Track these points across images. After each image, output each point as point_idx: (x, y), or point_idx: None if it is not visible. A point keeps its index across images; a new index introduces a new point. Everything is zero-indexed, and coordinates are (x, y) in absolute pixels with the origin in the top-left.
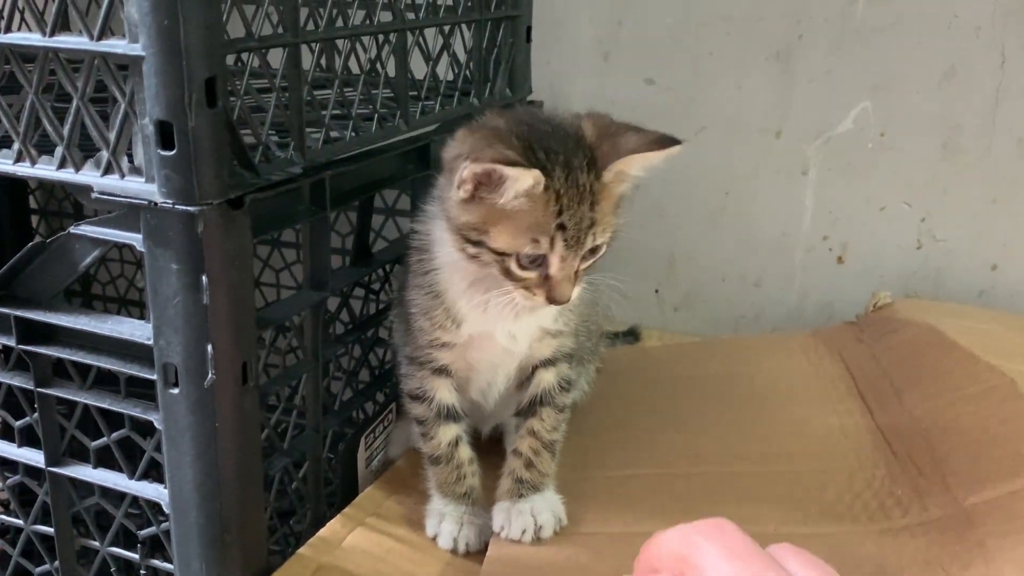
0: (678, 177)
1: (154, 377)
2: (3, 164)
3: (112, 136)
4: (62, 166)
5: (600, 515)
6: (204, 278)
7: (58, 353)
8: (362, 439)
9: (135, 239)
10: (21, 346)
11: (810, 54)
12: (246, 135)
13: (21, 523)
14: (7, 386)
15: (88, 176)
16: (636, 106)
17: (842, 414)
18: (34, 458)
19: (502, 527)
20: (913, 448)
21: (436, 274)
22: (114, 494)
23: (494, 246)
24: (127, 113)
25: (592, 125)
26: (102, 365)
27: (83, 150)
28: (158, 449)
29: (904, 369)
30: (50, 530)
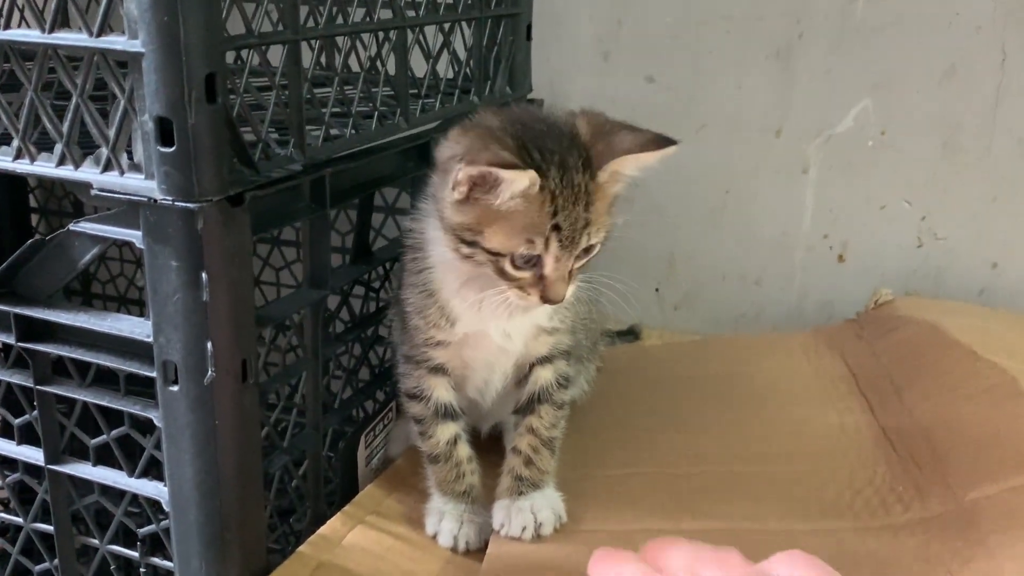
0: (678, 176)
1: (154, 374)
2: (2, 161)
3: (112, 133)
4: (61, 163)
5: (600, 513)
6: (204, 275)
7: (57, 351)
8: (362, 437)
9: (134, 236)
10: (20, 344)
11: (810, 53)
12: (246, 132)
13: (21, 521)
14: (6, 384)
15: (87, 173)
16: (636, 104)
17: (843, 412)
18: (34, 456)
19: (502, 525)
20: (914, 445)
21: (430, 272)
22: (114, 492)
23: (488, 246)
24: (127, 110)
25: (586, 123)
26: (101, 363)
27: (83, 147)
28: (158, 447)
29: (905, 367)
30: (50, 528)
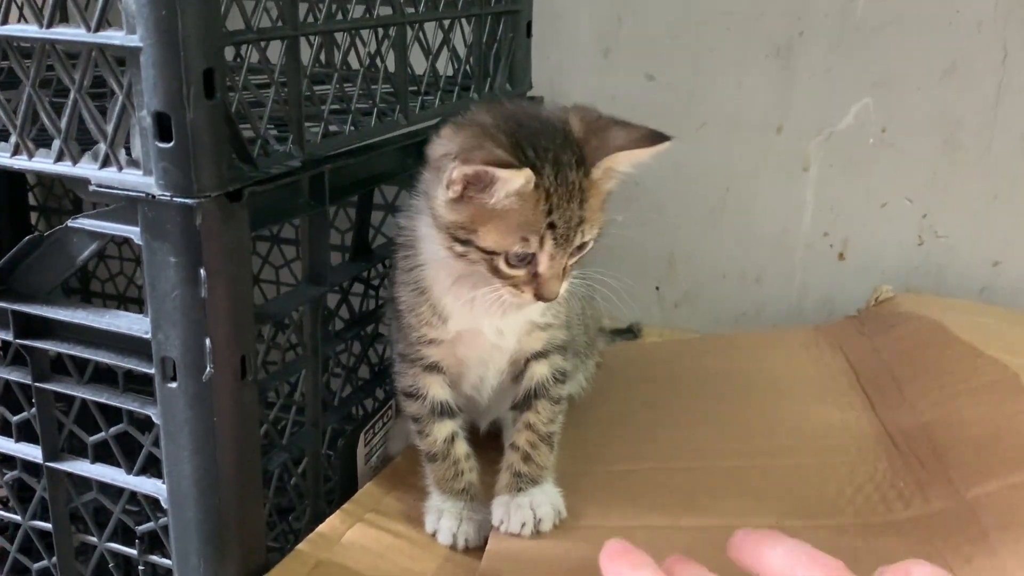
0: (678, 174)
1: (152, 371)
2: (0, 157)
3: (110, 129)
4: (59, 159)
5: (600, 509)
6: (202, 271)
7: (56, 347)
8: (361, 435)
9: (133, 232)
10: (18, 340)
11: (811, 50)
12: (245, 129)
13: (19, 519)
14: (5, 381)
15: (86, 169)
16: (636, 102)
17: (844, 408)
18: (32, 453)
19: (500, 521)
20: (915, 441)
21: (421, 270)
22: (112, 489)
23: (483, 245)
24: (125, 105)
25: (579, 120)
26: (100, 359)
27: (81, 143)
28: (156, 444)
29: (906, 363)
30: (48, 526)
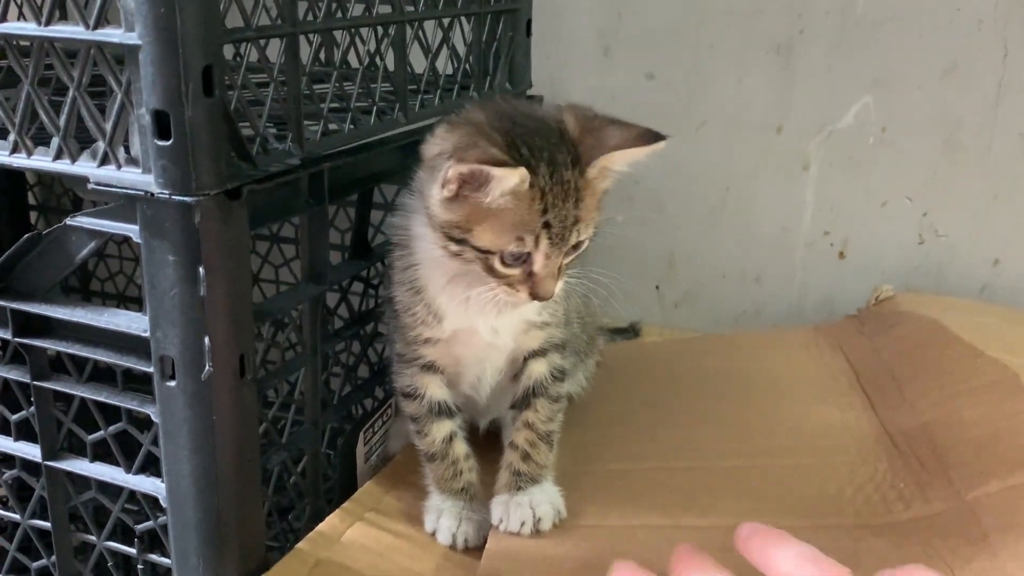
0: (678, 173)
1: (151, 370)
2: None
3: (108, 126)
4: (58, 157)
5: (600, 509)
6: (201, 269)
7: (55, 346)
8: (361, 434)
9: (132, 230)
10: (17, 339)
11: (811, 49)
12: (244, 128)
13: (18, 518)
14: (3, 380)
15: (84, 167)
16: (636, 101)
17: (844, 408)
18: (31, 452)
19: (501, 520)
20: (915, 442)
21: (416, 269)
22: (111, 488)
23: (478, 244)
24: (123, 103)
25: (574, 119)
26: (99, 358)
27: (80, 142)
28: (155, 443)
29: (906, 363)
30: (47, 525)
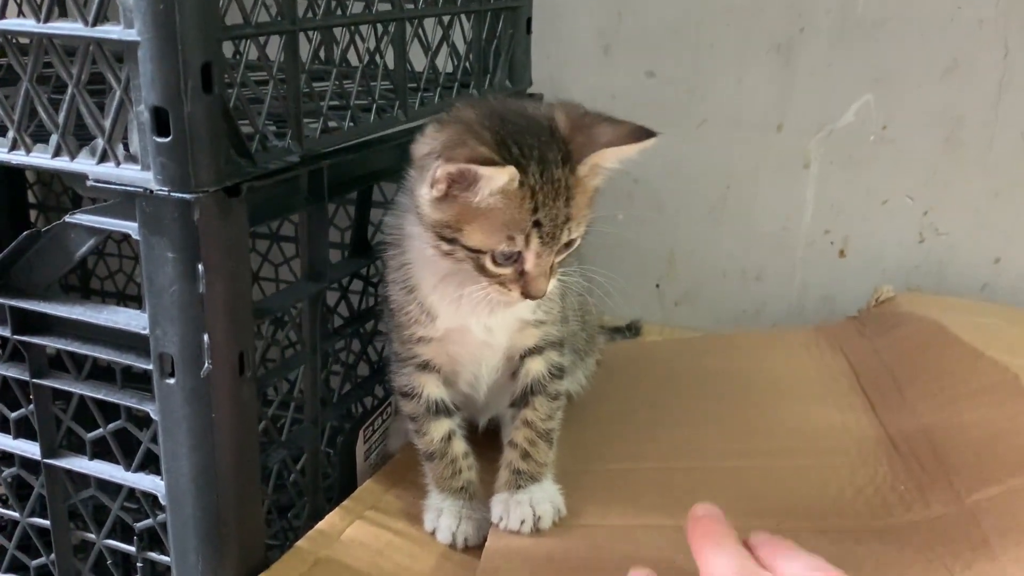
0: (678, 172)
1: (150, 367)
2: None
3: (107, 123)
4: (57, 154)
5: (600, 508)
6: (200, 267)
7: (54, 343)
8: (360, 432)
9: (131, 227)
10: (16, 336)
11: (811, 47)
12: (243, 125)
13: (17, 516)
14: (2, 377)
15: (83, 164)
16: (636, 99)
17: (844, 409)
18: (30, 450)
19: (500, 518)
20: (916, 444)
21: (409, 268)
22: (111, 486)
23: (468, 244)
24: (122, 100)
25: (565, 116)
26: (98, 355)
27: (79, 139)
28: (155, 441)
29: (907, 364)
30: (46, 523)
